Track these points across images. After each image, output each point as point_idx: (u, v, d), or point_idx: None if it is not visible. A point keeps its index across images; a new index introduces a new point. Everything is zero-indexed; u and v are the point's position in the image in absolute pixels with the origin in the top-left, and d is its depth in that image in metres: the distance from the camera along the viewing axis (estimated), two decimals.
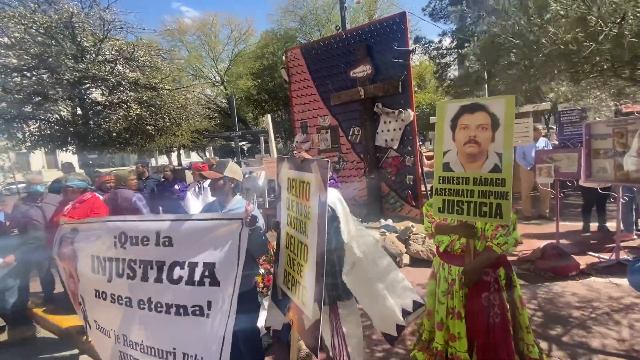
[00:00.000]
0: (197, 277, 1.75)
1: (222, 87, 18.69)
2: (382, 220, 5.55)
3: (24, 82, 5.85)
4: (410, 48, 5.50)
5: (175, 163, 21.75)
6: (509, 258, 4.25)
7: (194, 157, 26.41)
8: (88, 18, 6.02)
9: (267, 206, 5.71)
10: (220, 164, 2.22)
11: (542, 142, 6.04)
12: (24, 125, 6.22)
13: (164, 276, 1.81)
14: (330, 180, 2.13)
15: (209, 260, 1.76)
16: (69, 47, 5.83)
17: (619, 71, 2.40)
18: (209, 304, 1.71)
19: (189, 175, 6.14)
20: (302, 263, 1.73)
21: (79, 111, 6.56)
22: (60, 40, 5.80)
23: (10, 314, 3.63)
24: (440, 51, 14.44)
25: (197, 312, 1.72)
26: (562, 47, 2.07)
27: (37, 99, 5.74)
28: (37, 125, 6.46)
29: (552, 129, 11.08)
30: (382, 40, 5.74)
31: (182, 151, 21.86)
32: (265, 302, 2.59)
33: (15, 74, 5.81)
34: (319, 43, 6.62)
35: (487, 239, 1.89)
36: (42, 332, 3.74)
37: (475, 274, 1.86)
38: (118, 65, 6.50)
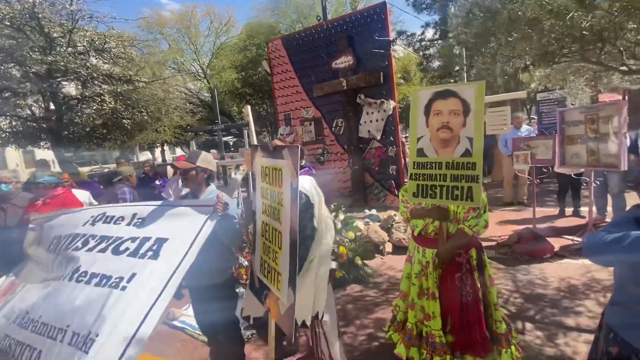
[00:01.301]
0: (142, 250, 1.63)
1: (205, 81, 18.31)
2: (367, 211, 5.60)
3: None
4: (391, 38, 5.51)
5: (159, 159, 21.31)
6: (489, 243, 4.45)
7: (179, 152, 25.96)
8: (53, 7, 5.76)
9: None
10: (192, 154, 2.19)
11: (525, 130, 6.17)
12: None
13: (110, 247, 1.70)
14: (304, 168, 2.13)
15: (163, 236, 1.69)
16: (37, 39, 5.57)
17: (587, 55, 2.47)
18: (132, 276, 1.51)
19: (171, 170, 6.04)
20: (277, 250, 1.73)
21: (52, 106, 6.31)
22: (27, 32, 5.54)
23: None
24: (424, 42, 14.51)
25: (114, 284, 1.50)
26: (530, 27, 2.11)
27: (5, 94, 5.48)
28: (7, 121, 6.19)
29: (534, 119, 11.37)
30: (363, 31, 5.73)
31: (166, 147, 21.41)
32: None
33: None
34: (301, 34, 6.55)
35: (459, 222, 1.94)
36: None
37: (448, 256, 1.91)
38: (91, 58, 6.26)
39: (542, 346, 2.42)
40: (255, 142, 6.20)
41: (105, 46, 6.22)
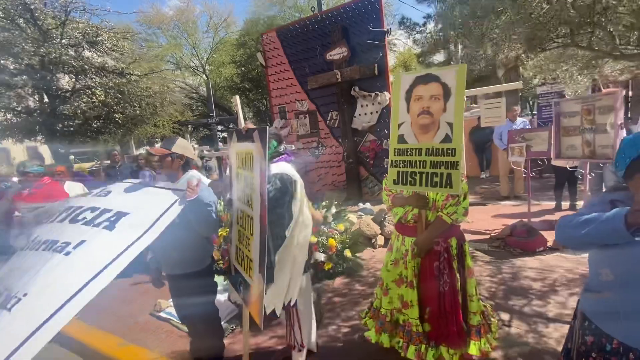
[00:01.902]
0: (98, 220, 1.57)
1: (203, 76, 18.23)
2: (361, 204, 5.55)
3: None
4: (386, 29, 5.42)
5: None
6: (483, 236, 4.39)
7: None
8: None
9: None
10: (168, 140, 2.15)
11: (520, 123, 6.09)
12: None
13: (70, 217, 1.65)
14: (283, 154, 2.08)
15: (124, 210, 1.62)
16: (31, 32, 5.51)
17: (577, 40, 2.40)
18: (80, 243, 1.44)
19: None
20: (249, 236, 1.69)
21: (46, 99, 6.27)
22: (21, 24, 5.49)
23: None
24: (424, 34, 14.34)
25: (58, 249, 1.43)
26: (519, 12, 2.05)
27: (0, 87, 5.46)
28: (2, 114, 6.16)
29: (535, 114, 11.22)
30: (357, 22, 5.64)
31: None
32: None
33: None
34: (295, 25, 6.47)
35: (438, 210, 1.89)
36: None
37: (426, 244, 1.87)
38: (85, 50, 6.19)
39: (524, 337, 2.38)
40: None
41: (98, 39, 6.16)
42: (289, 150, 2.13)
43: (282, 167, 1.93)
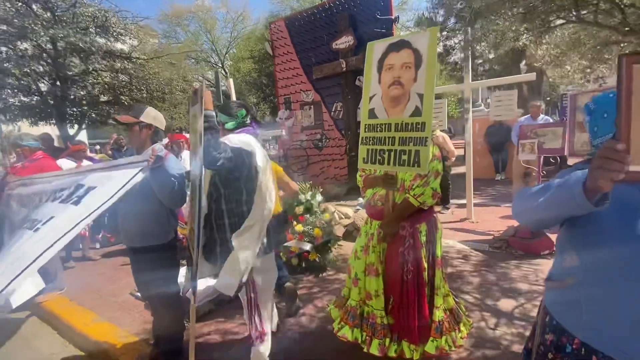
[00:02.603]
0: (71, 197, 1.70)
1: (221, 70, 18.49)
2: (361, 199, 5.37)
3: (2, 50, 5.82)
4: (394, 17, 5.21)
5: None
6: (486, 237, 4.10)
7: None
8: None
9: None
10: (137, 108, 2.07)
11: (541, 120, 5.69)
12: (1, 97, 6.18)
13: (53, 196, 1.82)
14: (247, 126, 1.97)
15: (93, 185, 1.73)
16: (42, 15, 5.71)
17: (581, 13, 2.13)
18: (49, 219, 1.59)
19: None
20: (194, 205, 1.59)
21: (58, 82, 6.49)
22: (33, 6, 5.69)
23: None
24: (445, 32, 13.83)
25: (31, 226, 1.60)
26: None
27: (13, 70, 5.68)
28: (17, 97, 6.43)
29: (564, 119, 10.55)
30: (364, 9, 5.46)
31: (184, 134, 21.85)
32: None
33: None
34: (303, 14, 6.35)
35: (406, 191, 1.71)
36: None
37: (390, 228, 1.70)
38: (94, 35, 6.35)
39: (500, 340, 2.16)
40: None
41: (106, 22, 6.31)
42: (255, 124, 2.00)
43: (242, 139, 1.82)
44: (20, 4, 5.78)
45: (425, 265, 1.69)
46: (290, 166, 6.57)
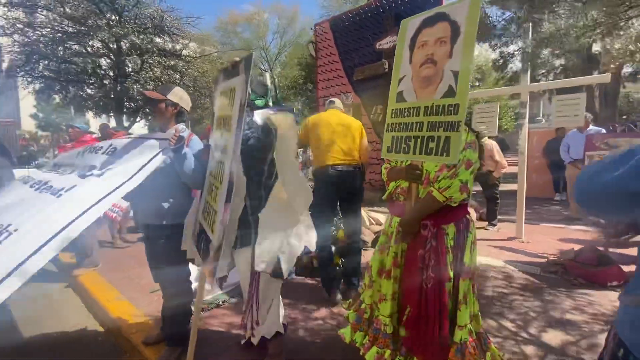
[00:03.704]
0: (95, 173, 1.73)
1: (270, 76, 19.13)
2: None
3: (73, 47, 6.56)
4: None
5: None
6: (539, 259, 3.59)
7: None
8: None
9: None
10: (165, 86, 2.10)
11: (593, 132, 4.99)
12: (68, 90, 6.94)
13: (75, 171, 1.87)
14: (266, 107, 1.89)
15: (116, 162, 1.76)
16: (108, 15, 6.34)
17: None
18: (71, 187, 1.61)
19: None
20: (218, 185, 1.53)
21: (118, 78, 7.14)
22: (101, 7, 6.35)
23: None
24: (504, 39, 12.89)
25: (55, 192, 1.63)
26: None
27: (82, 65, 6.36)
28: (83, 91, 7.17)
29: None
30: (413, 8, 5.20)
31: None
32: None
33: (70, 42, 6.54)
34: (348, 14, 6.26)
35: (431, 183, 1.47)
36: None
37: (409, 226, 1.46)
38: (152, 35, 6.90)
39: None
40: None
41: (162, 22, 6.81)
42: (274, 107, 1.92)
43: (265, 114, 1.74)
44: (92, 5, 6.48)
45: (451, 274, 1.42)
46: None
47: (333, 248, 3.32)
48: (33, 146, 19.06)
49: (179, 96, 2.07)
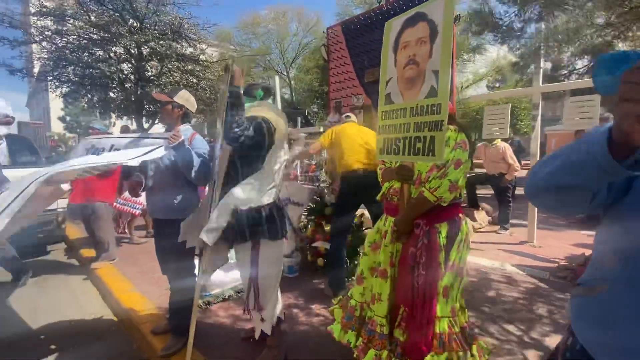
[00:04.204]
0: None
1: (286, 79, 19.38)
2: None
3: (97, 53, 6.98)
4: (454, 15, 4.86)
5: None
6: (550, 264, 3.51)
7: None
8: None
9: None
10: (173, 90, 2.23)
11: None
12: (93, 94, 7.38)
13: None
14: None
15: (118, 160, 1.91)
16: (130, 22, 6.68)
17: None
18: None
19: None
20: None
21: (139, 82, 7.51)
22: (124, 14, 6.71)
23: None
24: (523, 40, 12.55)
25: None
26: None
27: (105, 70, 6.74)
28: (105, 94, 7.58)
29: None
30: None
31: None
32: None
33: (92, 49, 6.97)
34: (359, 17, 6.31)
35: (422, 183, 1.51)
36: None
37: (402, 225, 1.50)
38: (171, 41, 7.21)
39: None
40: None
41: (180, 28, 7.11)
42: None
43: (259, 110, 1.84)
44: (115, 13, 6.87)
45: (443, 270, 1.45)
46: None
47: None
48: (61, 147, 20.15)
49: (185, 98, 2.20)
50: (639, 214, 0.64)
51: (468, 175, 6.72)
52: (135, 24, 7.03)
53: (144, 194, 2.29)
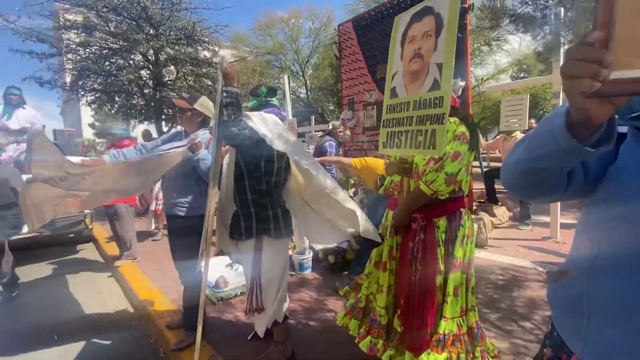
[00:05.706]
0: None
1: (301, 77, 19.46)
2: None
3: (118, 61, 7.27)
4: (467, 4, 4.72)
5: None
6: (559, 259, 3.37)
7: None
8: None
9: None
10: (193, 96, 2.30)
11: None
12: (116, 100, 7.70)
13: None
14: (273, 107, 2.01)
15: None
16: (144, 28, 6.88)
17: None
18: None
19: None
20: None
21: (157, 87, 7.75)
22: (137, 19, 6.94)
23: None
24: (546, 27, 12.00)
25: None
26: None
27: (123, 76, 7.01)
28: (127, 100, 7.88)
29: None
30: None
31: None
32: None
33: (112, 58, 7.26)
34: (370, 13, 6.25)
35: (420, 176, 1.48)
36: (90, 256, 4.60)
37: (399, 219, 1.48)
38: (185, 45, 7.38)
39: None
40: (291, 117, 6.22)
41: (193, 33, 7.26)
42: (282, 107, 2.04)
43: (265, 116, 1.85)
44: (132, 22, 7.11)
45: (442, 267, 1.42)
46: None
47: (345, 244, 3.36)
48: (92, 151, 21.15)
49: (205, 106, 2.26)
50: (611, 200, 0.62)
51: (487, 169, 6.52)
52: (151, 31, 7.26)
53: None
